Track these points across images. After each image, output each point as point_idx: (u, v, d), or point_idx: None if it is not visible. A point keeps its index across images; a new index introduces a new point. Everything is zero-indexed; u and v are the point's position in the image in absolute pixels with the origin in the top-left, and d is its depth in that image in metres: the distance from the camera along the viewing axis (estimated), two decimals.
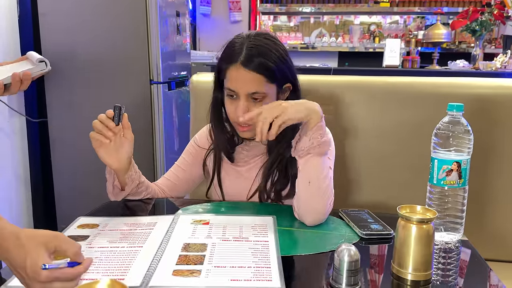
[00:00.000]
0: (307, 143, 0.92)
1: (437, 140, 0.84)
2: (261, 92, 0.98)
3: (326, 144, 0.92)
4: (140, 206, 1.06)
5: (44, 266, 0.61)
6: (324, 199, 0.92)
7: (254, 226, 0.91)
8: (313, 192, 0.92)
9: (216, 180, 1.12)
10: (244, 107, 0.98)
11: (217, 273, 0.71)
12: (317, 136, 0.91)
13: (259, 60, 0.96)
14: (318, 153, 0.92)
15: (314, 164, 0.93)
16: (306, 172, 0.93)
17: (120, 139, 0.98)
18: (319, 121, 0.92)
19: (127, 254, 0.78)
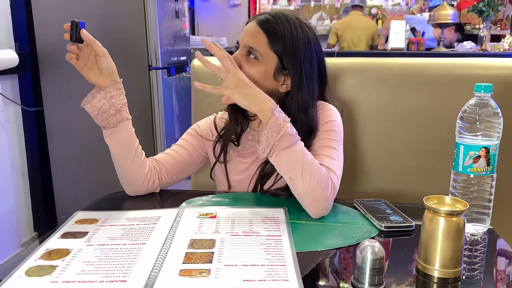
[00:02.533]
0: (264, 143, 0.84)
1: (463, 124, 0.78)
2: (258, 50, 0.94)
3: (287, 136, 0.83)
4: (142, 199, 1.00)
5: None
6: (315, 187, 0.84)
7: (264, 219, 0.85)
8: (299, 185, 0.85)
9: (222, 159, 1.06)
10: (237, 57, 0.95)
11: (228, 273, 0.65)
12: (272, 133, 0.83)
13: (272, 24, 0.94)
14: (281, 147, 0.84)
15: (285, 159, 0.85)
16: (281, 170, 0.87)
17: (90, 55, 0.90)
18: (269, 117, 0.83)
19: (129, 252, 0.72)
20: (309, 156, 0.86)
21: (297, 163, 0.84)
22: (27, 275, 0.65)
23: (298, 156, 0.84)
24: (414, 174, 1.23)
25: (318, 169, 0.85)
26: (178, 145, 1.09)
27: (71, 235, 0.79)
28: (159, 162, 1.04)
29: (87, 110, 0.92)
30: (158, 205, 0.99)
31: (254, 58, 0.94)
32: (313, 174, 0.84)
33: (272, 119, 0.83)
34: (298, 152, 0.85)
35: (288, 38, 0.94)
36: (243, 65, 0.95)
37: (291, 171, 0.85)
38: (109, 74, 0.92)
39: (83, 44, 0.88)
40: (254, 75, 0.94)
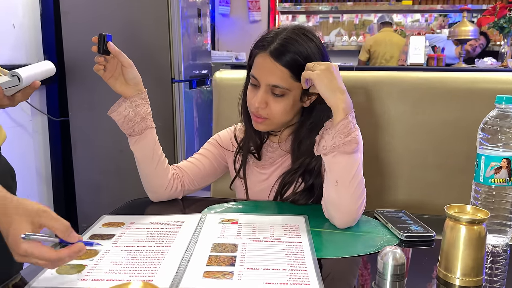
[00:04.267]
0: (329, 142, 0.86)
1: (484, 135, 0.79)
2: (282, 87, 0.93)
3: (353, 143, 0.85)
4: (165, 204, 1.03)
5: (24, 236, 0.59)
6: (355, 199, 0.86)
7: (285, 226, 0.87)
8: (342, 192, 0.86)
9: (242, 174, 1.08)
10: (261, 98, 0.94)
11: (251, 275, 0.67)
12: (340, 134, 0.85)
13: (289, 54, 0.92)
14: (344, 151, 0.85)
15: (341, 162, 0.86)
16: (333, 171, 0.88)
17: (117, 66, 0.93)
18: (342, 118, 0.85)
19: (155, 254, 0.74)
20: (361, 169, 0.88)
21: (350, 171, 0.86)
22: (58, 273, 0.68)
23: (354, 165, 0.86)
24: (434, 187, 1.23)
25: (362, 183, 0.88)
26: (200, 154, 1.12)
27: (99, 237, 0.82)
28: (182, 169, 1.07)
29: (114, 118, 0.96)
30: (181, 211, 1.02)
31: (280, 96, 0.94)
32: (358, 186, 0.86)
33: (344, 121, 0.85)
34: (356, 161, 0.87)
35: (307, 60, 0.92)
36: (270, 103, 0.94)
37: (341, 176, 0.86)
38: (135, 84, 0.95)
39: (110, 56, 0.92)
40: (283, 109, 0.95)
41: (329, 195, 0.89)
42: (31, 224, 0.61)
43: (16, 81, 0.93)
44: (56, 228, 0.62)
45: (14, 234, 0.59)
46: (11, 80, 0.93)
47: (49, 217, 0.63)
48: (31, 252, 0.59)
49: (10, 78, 0.92)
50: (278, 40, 0.93)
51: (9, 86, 0.93)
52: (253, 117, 0.99)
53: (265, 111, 0.95)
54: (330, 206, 0.88)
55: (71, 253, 0.62)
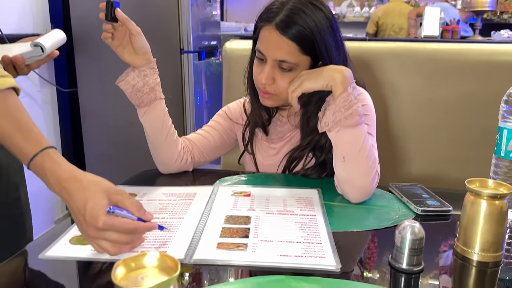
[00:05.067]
0: (330, 117, 0.83)
1: (508, 108, 0.76)
2: (290, 62, 0.89)
3: (355, 115, 0.82)
4: (176, 177, 1.02)
5: (110, 209, 0.59)
6: (365, 173, 0.84)
7: (298, 199, 0.86)
8: (351, 168, 0.84)
9: (250, 149, 1.06)
10: (268, 73, 0.90)
11: (265, 247, 0.66)
12: (340, 108, 0.82)
13: (296, 27, 0.87)
14: (346, 125, 0.83)
15: (345, 137, 0.84)
16: (338, 147, 0.85)
17: (125, 34, 0.90)
18: (341, 91, 0.82)
19: (168, 225, 0.73)
20: (369, 141, 0.85)
21: (356, 144, 0.83)
22: (71, 243, 0.68)
23: (360, 138, 0.83)
24: (449, 161, 1.21)
25: (373, 155, 0.85)
26: (209, 126, 1.10)
27: None
28: (191, 141, 1.05)
29: (122, 88, 0.94)
30: (191, 183, 1.01)
31: (287, 71, 0.90)
32: (368, 159, 0.84)
33: (343, 94, 0.82)
34: (361, 133, 0.84)
35: (315, 32, 0.87)
36: (277, 79, 0.91)
37: (347, 151, 0.84)
38: (143, 53, 0.93)
39: (117, 23, 0.89)
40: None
41: (338, 172, 0.87)
42: (109, 200, 0.60)
43: (39, 51, 0.92)
44: (132, 206, 0.62)
45: (93, 207, 0.58)
46: (33, 50, 0.92)
47: (125, 195, 0.63)
48: (111, 223, 0.58)
49: (32, 49, 0.91)
50: (284, 12, 0.88)
51: (31, 56, 0.92)
52: (260, 92, 0.96)
53: (272, 87, 0.92)
54: (341, 183, 0.87)
55: (147, 227, 0.63)
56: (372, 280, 0.61)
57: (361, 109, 0.83)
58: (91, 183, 0.62)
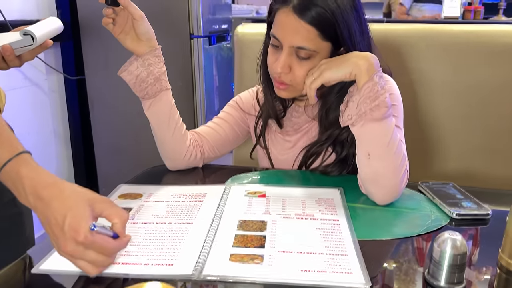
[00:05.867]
0: (354, 109, 0.75)
1: None
2: (308, 49, 0.79)
3: (382, 107, 0.73)
4: (185, 174, 0.95)
5: (93, 226, 0.52)
6: (393, 172, 0.75)
7: (318, 200, 0.78)
8: (378, 165, 0.76)
9: (263, 142, 0.98)
10: (284, 61, 0.81)
11: (283, 260, 0.59)
12: (365, 100, 0.73)
13: (315, 9, 0.77)
14: (372, 118, 0.74)
15: (371, 132, 0.75)
16: (363, 143, 0.77)
17: (127, 19, 0.83)
18: (367, 79, 0.73)
19: (176, 232, 0.66)
20: (397, 135, 0.76)
21: (383, 140, 0.74)
22: None
23: (387, 132, 0.75)
24: (480, 153, 1.12)
25: (402, 150, 0.77)
26: (220, 118, 1.02)
27: None
28: (201, 136, 0.98)
29: (125, 79, 0.86)
30: (201, 181, 0.94)
31: (305, 58, 0.81)
32: (396, 155, 0.75)
33: (369, 84, 0.73)
34: (389, 127, 0.75)
35: (337, 14, 0.78)
36: (294, 67, 0.82)
37: (373, 147, 0.75)
38: (147, 40, 0.85)
39: (119, 7, 0.81)
40: None
41: (363, 170, 0.79)
42: (92, 212, 0.53)
43: (29, 40, 0.84)
44: (118, 218, 0.55)
45: (74, 218, 0.51)
46: (23, 39, 0.83)
47: (110, 203, 0.56)
48: (92, 240, 0.51)
49: (22, 37, 0.83)
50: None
51: (21, 46, 0.84)
52: (274, 83, 0.87)
53: (288, 76, 0.83)
54: (366, 182, 0.79)
55: (125, 243, 0.56)
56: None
57: (389, 99, 0.74)
58: (73, 192, 0.55)
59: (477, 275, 0.59)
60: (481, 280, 0.58)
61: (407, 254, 0.63)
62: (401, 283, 0.57)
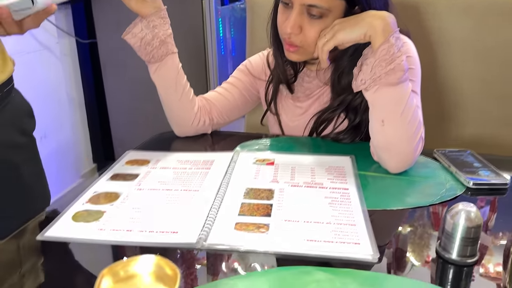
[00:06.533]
0: (368, 73, 0.70)
1: None
2: (321, 7, 0.75)
3: (398, 71, 0.69)
4: (193, 140, 0.93)
5: None
6: (408, 139, 0.72)
7: (328, 168, 0.76)
8: (391, 133, 0.72)
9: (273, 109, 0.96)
10: (294, 21, 0.77)
11: (289, 230, 0.57)
12: (381, 63, 0.69)
13: None
14: (387, 82, 0.70)
15: (385, 97, 0.71)
16: (377, 109, 0.73)
17: None
18: (382, 41, 0.68)
19: (181, 200, 0.66)
20: (413, 101, 0.73)
21: (398, 106, 0.71)
22: (74, 220, 0.61)
23: (403, 98, 0.71)
24: (499, 119, 1.07)
25: (418, 117, 0.73)
26: (229, 83, 0.99)
27: (121, 177, 0.74)
28: (209, 101, 0.95)
29: (129, 42, 0.83)
30: (210, 147, 0.92)
31: (317, 17, 0.76)
32: (411, 122, 0.72)
33: (385, 45, 0.69)
34: (404, 92, 0.71)
35: None
36: (305, 27, 0.77)
37: (387, 114, 0.72)
38: (152, 0, 0.81)
39: None
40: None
41: (376, 137, 0.75)
42: None
43: (28, 3, 0.79)
44: None
45: None
46: (21, 1, 0.79)
47: None
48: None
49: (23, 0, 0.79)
50: None
51: (18, 9, 0.80)
52: (284, 45, 0.83)
53: (298, 37, 0.79)
54: (378, 150, 0.76)
55: None
56: (415, 271, 0.52)
57: (405, 62, 0.70)
58: None
59: (491, 248, 0.56)
60: (495, 253, 0.56)
61: (418, 225, 0.61)
62: (411, 254, 0.55)
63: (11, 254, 0.56)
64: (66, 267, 0.54)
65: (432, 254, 0.54)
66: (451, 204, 0.57)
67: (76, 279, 0.52)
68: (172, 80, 0.86)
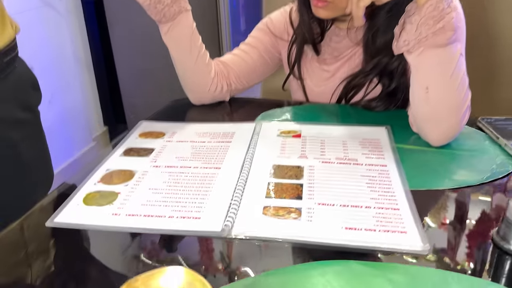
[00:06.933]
0: (412, 33, 0.61)
1: None
2: None
3: (448, 30, 0.60)
4: (210, 108, 0.86)
5: None
6: (455, 108, 0.64)
7: (362, 141, 0.68)
8: (437, 101, 0.64)
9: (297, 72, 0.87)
10: None
11: (324, 215, 0.51)
12: (427, 21, 0.59)
13: None
14: (434, 44, 0.61)
15: (432, 61, 0.62)
16: (421, 74, 0.65)
17: None
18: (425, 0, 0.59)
19: (202, 179, 0.59)
20: (463, 65, 0.64)
21: (446, 71, 0.62)
22: (86, 203, 0.55)
23: (451, 61, 0.62)
24: None
25: (465, 84, 0.64)
26: (247, 44, 0.90)
27: (135, 152, 0.68)
28: (226, 65, 0.87)
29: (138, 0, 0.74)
30: (228, 116, 0.85)
31: None
32: (460, 88, 0.63)
33: (432, 1, 0.59)
34: (453, 55, 0.62)
35: None
36: None
37: (432, 79, 0.63)
38: None
39: None
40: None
41: (418, 106, 0.67)
42: None
43: None
44: None
45: None
46: None
47: None
48: None
49: None
50: None
51: None
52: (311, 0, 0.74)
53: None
54: (420, 120, 0.68)
55: None
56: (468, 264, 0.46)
57: (455, 20, 0.61)
58: None
59: None
60: None
61: (468, 208, 0.55)
62: (463, 244, 0.49)
63: (15, 242, 0.51)
64: (76, 257, 0.49)
65: (489, 243, 0.48)
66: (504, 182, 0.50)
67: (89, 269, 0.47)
68: (186, 41, 0.78)
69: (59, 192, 0.60)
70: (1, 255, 0.49)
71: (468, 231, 0.51)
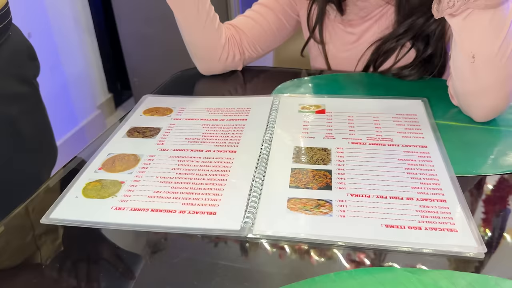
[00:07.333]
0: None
1: None
2: None
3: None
4: (221, 79, 0.78)
5: None
6: (505, 80, 0.55)
7: (396, 117, 0.60)
8: (484, 72, 0.55)
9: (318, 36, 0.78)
10: None
11: (358, 209, 0.44)
12: None
13: None
14: (485, 4, 0.50)
15: (481, 25, 0.53)
16: (467, 41, 0.55)
17: None
18: None
19: (216, 165, 0.52)
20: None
21: (496, 36, 0.52)
22: (85, 195, 0.49)
23: (503, 26, 0.52)
24: None
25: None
26: (261, 4, 0.80)
27: (139, 133, 0.61)
28: (238, 29, 0.78)
29: None
30: (241, 88, 0.77)
31: None
32: (510, 58, 0.54)
33: None
34: (505, 19, 0.52)
35: None
36: None
37: (480, 46, 0.54)
38: None
39: None
40: None
41: (461, 77, 0.58)
42: None
43: None
44: None
45: None
46: None
47: None
48: None
49: None
50: None
51: None
52: None
53: None
54: (463, 94, 0.59)
55: None
56: None
57: None
58: None
59: None
60: None
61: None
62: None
63: (21, 226, 0.45)
64: (72, 258, 0.43)
65: None
66: None
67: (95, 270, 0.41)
68: (194, 3, 0.68)
69: (65, 171, 0.54)
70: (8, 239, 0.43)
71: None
